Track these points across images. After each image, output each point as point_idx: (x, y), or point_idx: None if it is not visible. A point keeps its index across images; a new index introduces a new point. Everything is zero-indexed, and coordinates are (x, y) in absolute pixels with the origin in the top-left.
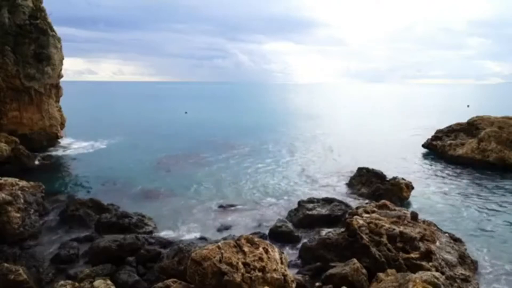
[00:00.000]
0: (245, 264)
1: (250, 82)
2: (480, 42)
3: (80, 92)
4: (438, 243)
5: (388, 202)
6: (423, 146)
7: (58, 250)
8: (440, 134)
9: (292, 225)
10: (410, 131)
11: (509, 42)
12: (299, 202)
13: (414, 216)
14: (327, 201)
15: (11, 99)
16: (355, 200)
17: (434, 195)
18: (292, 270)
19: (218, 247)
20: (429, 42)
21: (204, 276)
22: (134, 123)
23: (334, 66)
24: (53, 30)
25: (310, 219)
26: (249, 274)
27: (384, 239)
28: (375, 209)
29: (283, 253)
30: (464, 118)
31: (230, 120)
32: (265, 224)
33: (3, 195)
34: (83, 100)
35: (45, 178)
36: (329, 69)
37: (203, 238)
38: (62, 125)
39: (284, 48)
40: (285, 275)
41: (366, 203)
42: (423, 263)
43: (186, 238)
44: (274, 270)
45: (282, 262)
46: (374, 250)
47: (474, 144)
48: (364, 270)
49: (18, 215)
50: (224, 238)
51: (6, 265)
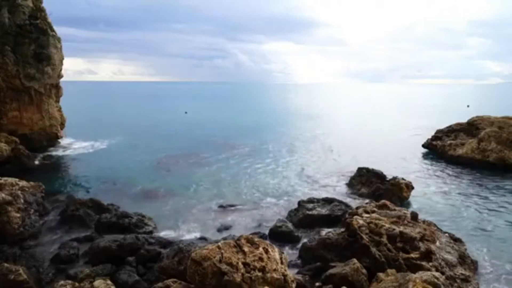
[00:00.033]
0: (245, 264)
1: (250, 82)
2: (480, 42)
3: (80, 92)
4: (438, 243)
5: (388, 202)
6: (423, 146)
7: (58, 250)
8: (440, 134)
9: (292, 225)
10: (410, 131)
11: (509, 42)
12: (299, 202)
13: (414, 216)
14: (327, 201)
15: (11, 99)
16: (355, 200)
17: (434, 195)
18: (292, 270)
19: (218, 247)
20: (429, 42)
21: (204, 276)
22: (134, 123)
23: (334, 66)
24: (53, 30)
25: (310, 219)
26: (249, 274)
27: (384, 239)
28: (375, 209)
29: (283, 253)
30: (464, 118)
31: (230, 120)
32: (265, 224)
33: (3, 195)
34: (83, 100)
35: (45, 178)
36: (329, 69)
37: (203, 238)
38: (62, 125)
39: (284, 48)
40: (285, 275)
41: (366, 203)
42: (423, 263)
43: (186, 238)
44: (274, 270)
45: (282, 262)
46: (374, 250)
47: (474, 144)
48: (364, 270)
49: (18, 215)
50: (224, 238)
51: (6, 265)
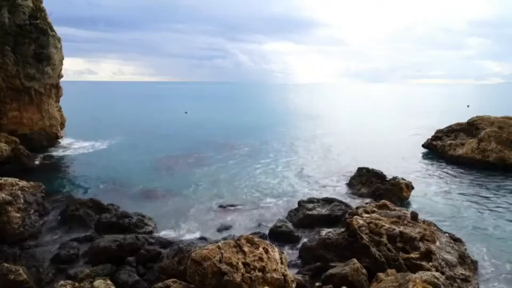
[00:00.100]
0: (245, 264)
1: (250, 82)
2: (480, 42)
3: (80, 92)
4: (438, 243)
5: (388, 202)
6: (423, 146)
7: (58, 250)
8: (440, 134)
9: (292, 225)
10: (410, 131)
11: (509, 42)
12: (299, 202)
13: (414, 216)
14: (327, 201)
15: (11, 99)
16: (355, 200)
17: (434, 195)
18: (292, 270)
19: (218, 247)
20: (429, 42)
21: (204, 276)
22: (134, 123)
23: (334, 66)
24: (53, 30)
25: (310, 219)
26: (249, 274)
27: (384, 239)
28: (375, 209)
29: (283, 253)
30: (464, 118)
31: (230, 120)
32: (265, 224)
33: (3, 195)
34: (83, 100)
35: (45, 178)
36: (329, 69)
37: (203, 238)
38: (62, 125)
39: (284, 48)
40: (285, 275)
41: (366, 203)
42: (423, 263)
43: (186, 238)
44: (274, 270)
45: (282, 262)
46: (374, 250)
47: (474, 144)
48: (364, 270)
49: (18, 215)
50: (224, 238)
51: (6, 265)
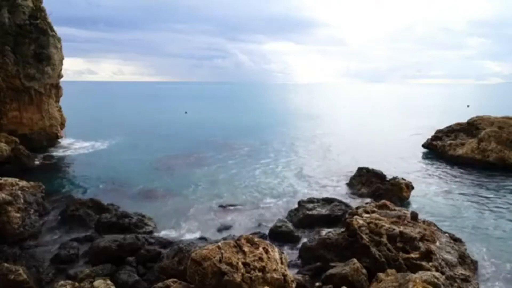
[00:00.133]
0: (245, 264)
1: (250, 82)
2: (480, 42)
3: (80, 92)
4: (438, 243)
5: (388, 202)
6: (423, 146)
7: (58, 250)
8: (440, 134)
9: (292, 225)
10: (410, 131)
11: (509, 42)
12: (299, 202)
13: (414, 216)
14: (327, 201)
15: (11, 99)
16: (355, 200)
17: (434, 195)
18: (292, 270)
19: (218, 247)
20: (429, 42)
21: (204, 276)
22: (134, 123)
23: (334, 66)
24: (53, 30)
25: (310, 219)
26: (249, 274)
27: (384, 239)
28: (375, 209)
29: (283, 253)
30: (464, 118)
31: (230, 120)
32: (265, 224)
33: (3, 195)
34: (83, 100)
35: (45, 178)
36: (329, 69)
37: (203, 238)
38: (62, 125)
39: (284, 48)
40: (285, 275)
41: (366, 203)
42: (423, 263)
43: (186, 238)
44: (274, 270)
45: (282, 262)
46: (374, 250)
47: (474, 144)
48: (364, 270)
49: (18, 215)
50: (224, 238)
51: (6, 265)
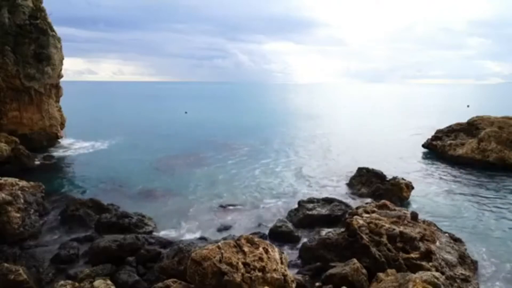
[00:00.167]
0: (245, 264)
1: (250, 82)
2: (480, 42)
3: (80, 92)
4: (438, 243)
5: (388, 202)
6: (423, 146)
7: (58, 250)
8: (440, 134)
9: (292, 225)
10: (410, 131)
11: (509, 42)
12: (299, 202)
13: (414, 216)
14: (327, 201)
15: (11, 99)
16: (355, 200)
17: (434, 195)
18: (292, 270)
19: (218, 247)
20: (429, 42)
21: (204, 276)
22: (134, 123)
23: (334, 66)
24: (53, 30)
25: (310, 219)
26: (249, 274)
27: (384, 239)
28: (375, 209)
29: (283, 253)
30: (464, 118)
31: (230, 120)
32: (265, 224)
33: (3, 195)
34: (83, 100)
35: (45, 178)
36: (329, 69)
37: (203, 238)
38: (62, 125)
39: (284, 48)
40: (285, 275)
41: (366, 203)
42: (423, 263)
43: (186, 238)
44: (274, 270)
45: (282, 262)
46: (374, 250)
47: (474, 144)
48: (364, 270)
49: (18, 215)
50: (224, 238)
51: (6, 265)
